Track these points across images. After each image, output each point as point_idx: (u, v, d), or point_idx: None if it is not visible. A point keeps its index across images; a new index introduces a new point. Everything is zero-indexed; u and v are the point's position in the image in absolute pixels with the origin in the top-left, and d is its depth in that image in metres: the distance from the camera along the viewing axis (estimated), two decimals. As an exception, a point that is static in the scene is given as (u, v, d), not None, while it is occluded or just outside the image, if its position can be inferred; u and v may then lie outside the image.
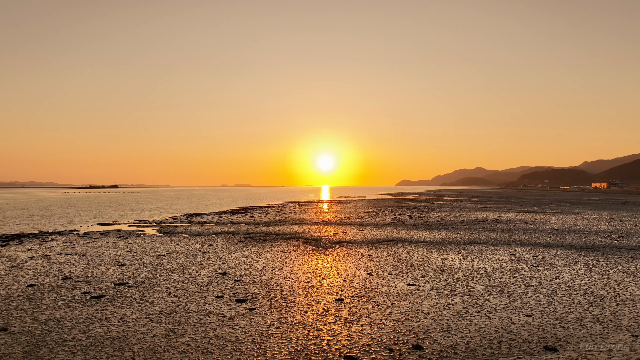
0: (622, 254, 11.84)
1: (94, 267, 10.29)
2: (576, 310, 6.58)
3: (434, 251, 12.53)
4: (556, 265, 10.24)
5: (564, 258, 11.27)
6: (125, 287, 8.22)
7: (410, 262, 10.79)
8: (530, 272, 9.51)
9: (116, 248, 13.56)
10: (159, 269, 10.08)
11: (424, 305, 6.86)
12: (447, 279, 8.79)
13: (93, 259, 11.47)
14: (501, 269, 9.90)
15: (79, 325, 6.00)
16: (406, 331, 5.68)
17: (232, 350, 5.04)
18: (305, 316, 6.36)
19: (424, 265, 10.28)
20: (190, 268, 10.13)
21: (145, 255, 12.13)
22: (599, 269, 9.76)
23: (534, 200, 52.95)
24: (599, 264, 10.46)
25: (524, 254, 11.93)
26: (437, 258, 11.35)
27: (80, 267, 10.31)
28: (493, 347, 5.12)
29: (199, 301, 7.21)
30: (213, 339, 5.41)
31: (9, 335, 5.60)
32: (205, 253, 12.39)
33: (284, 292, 7.83)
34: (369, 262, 10.76)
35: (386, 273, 9.43)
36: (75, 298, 7.46)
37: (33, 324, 6.06)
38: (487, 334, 5.54)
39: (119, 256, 11.95)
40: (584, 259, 11.17)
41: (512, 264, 10.44)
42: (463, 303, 7.01)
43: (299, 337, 5.48)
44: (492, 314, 6.40)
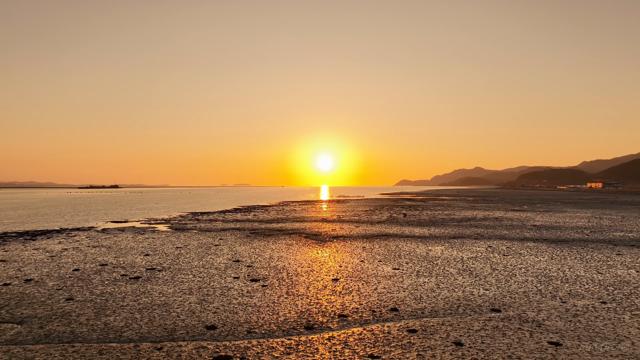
0: (585, 246, 13.43)
1: (123, 257, 11.86)
2: (526, 286, 8.15)
3: (421, 244, 14.11)
4: (524, 255, 11.82)
5: (533, 249, 12.86)
6: (156, 271, 9.79)
7: (398, 252, 12.36)
8: (499, 260, 11.09)
9: (136, 242, 15.12)
10: (180, 257, 11.65)
11: (404, 283, 8.44)
12: (428, 265, 10.36)
13: (120, 250, 13.04)
14: (475, 257, 11.48)
15: (128, 296, 7.57)
16: (387, 300, 7.25)
17: (253, 311, 6.61)
18: (307, 290, 7.94)
19: (410, 255, 11.85)
20: (207, 257, 11.70)
21: (165, 247, 13.70)
22: (559, 258, 11.35)
23: (527, 200, 54.55)
24: (561, 253, 12.04)
25: (500, 246, 13.51)
26: (422, 249, 12.93)
27: (111, 257, 11.88)
28: (452, 309, 6.69)
29: (220, 280, 8.78)
30: (236, 305, 6.98)
31: (78, 302, 7.18)
32: (217, 246, 13.96)
33: (289, 274, 9.41)
34: (362, 253, 12.33)
35: (376, 260, 11.00)
36: (117, 279, 9.03)
37: (92, 295, 7.64)
38: (449, 302, 7.12)
39: (142, 248, 13.51)
40: (550, 250, 12.75)
41: (487, 254, 12.02)
42: (436, 282, 8.59)
43: (303, 303, 7.05)
44: (458, 289, 7.97)
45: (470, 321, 6.09)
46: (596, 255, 11.73)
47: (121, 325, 5.97)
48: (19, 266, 10.48)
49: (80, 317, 6.38)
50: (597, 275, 9.16)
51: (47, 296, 7.59)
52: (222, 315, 6.44)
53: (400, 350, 5.03)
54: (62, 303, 7.14)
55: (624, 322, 6.02)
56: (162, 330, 5.79)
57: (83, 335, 5.62)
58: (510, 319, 6.18)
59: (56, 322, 6.16)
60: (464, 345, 5.15)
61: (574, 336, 5.45)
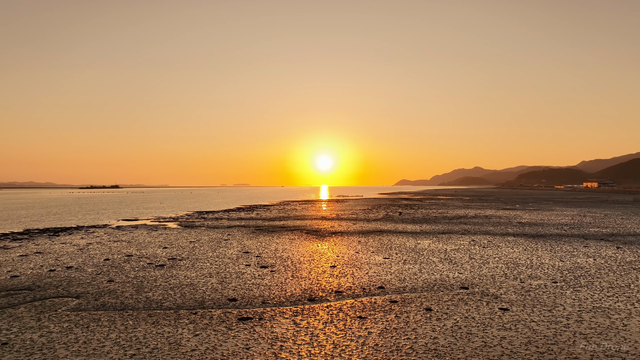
0: (559, 240, 14.88)
1: (144, 249, 13.30)
2: (495, 271, 9.61)
3: (411, 238, 15.56)
4: (501, 247, 13.28)
5: (511, 242, 14.31)
6: (177, 260, 11.24)
7: (390, 245, 13.81)
8: (478, 251, 12.55)
9: (152, 237, 16.56)
10: (196, 250, 13.09)
11: (391, 269, 9.89)
12: (414, 255, 11.81)
13: (139, 244, 14.49)
14: (458, 249, 12.94)
15: (159, 279, 9.02)
16: (375, 281, 8.70)
17: (264, 289, 8.06)
18: (309, 274, 9.39)
19: (400, 247, 13.31)
20: (220, 249, 13.15)
21: (179, 241, 15.15)
22: (531, 249, 12.80)
23: (521, 199, 56.02)
24: (535, 246, 13.49)
25: (482, 240, 14.96)
26: (412, 243, 14.38)
27: (133, 249, 13.32)
28: (428, 287, 8.13)
29: (234, 267, 10.23)
30: (250, 284, 8.43)
31: (119, 283, 8.63)
32: (227, 240, 15.41)
33: (293, 262, 10.86)
34: (357, 246, 13.78)
35: (369, 252, 12.45)
36: (145, 266, 10.47)
37: (128, 278, 9.08)
38: (427, 282, 8.57)
39: (159, 242, 14.95)
40: (526, 243, 14.20)
41: (468, 246, 13.47)
42: (419, 268, 10.04)
43: (306, 283, 8.50)
44: (436, 273, 9.42)
45: (441, 295, 7.54)
46: (565, 247, 13.19)
47: (160, 299, 7.41)
48: (56, 257, 11.92)
49: (124, 293, 7.83)
50: (559, 262, 10.62)
51: (90, 279, 9.04)
52: (240, 291, 7.89)
53: (382, 313, 6.48)
54: (106, 284, 8.59)
55: (564, 295, 7.48)
56: (194, 301, 7.23)
57: (131, 305, 7.06)
58: (474, 293, 7.64)
59: (106, 296, 7.60)
60: (433, 310, 6.60)
61: (520, 304, 6.91)
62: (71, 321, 6.22)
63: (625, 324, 5.93)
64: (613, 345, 5.13)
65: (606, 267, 9.92)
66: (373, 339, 5.41)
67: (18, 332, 5.76)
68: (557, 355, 4.85)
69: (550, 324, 5.95)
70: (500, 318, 6.21)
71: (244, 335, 5.58)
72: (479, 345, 5.17)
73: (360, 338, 5.44)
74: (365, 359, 4.78)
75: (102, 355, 4.96)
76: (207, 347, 5.17)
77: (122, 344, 5.30)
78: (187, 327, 5.89)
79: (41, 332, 5.75)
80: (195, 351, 5.04)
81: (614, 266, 10.07)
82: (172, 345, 5.22)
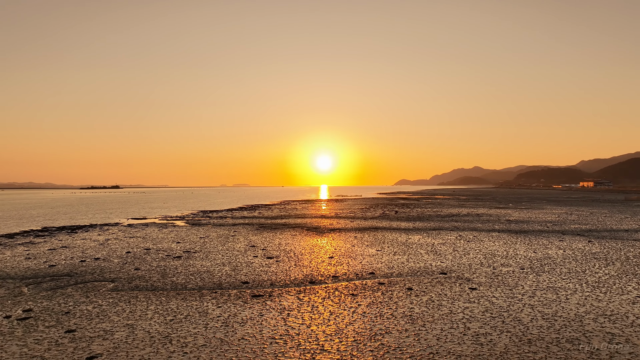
0: (539, 235, 16.22)
1: (159, 244, 14.63)
2: (473, 260, 10.93)
3: (404, 234, 16.89)
4: (484, 241, 14.61)
5: (494, 237, 15.65)
6: (192, 253, 12.57)
7: (383, 240, 15.14)
8: (462, 244, 13.88)
9: (163, 234, 17.88)
10: (206, 244, 14.42)
11: (382, 259, 11.22)
12: (404, 248, 13.14)
13: (154, 239, 15.81)
14: (444, 243, 14.27)
15: (178, 267, 10.35)
16: (368, 268, 10.03)
17: (271, 275, 9.39)
18: (310, 263, 10.72)
19: (392, 242, 14.64)
20: (228, 244, 14.48)
21: (190, 237, 16.47)
22: (510, 243, 14.13)
23: (516, 199, 57.36)
24: (515, 240, 14.82)
25: (468, 235, 16.30)
26: (403, 238, 15.71)
27: (149, 244, 14.65)
28: (412, 273, 9.46)
29: (243, 258, 11.56)
30: (259, 271, 9.75)
31: (145, 270, 9.96)
32: (233, 236, 16.74)
33: (295, 254, 12.19)
34: (354, 240, 15.11)
35: (364, 245, 13.78)
36: (164, 257, 11.80)
37: (151, 267, 10.41)
38: (412, 269, 9.90)
39: (171, 238, 16.28)
40: (508, 238, 15.53)
41: (454, 241, 14.80)
42: (407, 258, 11.37)
43: (307, 270, 9.83)
44: (421, 263, 10.75)
45: (422, 278, 8.87)
46: (542, 241, 14.53)
47: (183, 282, 8.74)
48: (82, 250, 13.25)
49: (151, 278, 9.16)
50: (532, 253, 11.95)
51: (119, 267, 10.36)
52: (250, 276, 9.22)
53: (371, 291, 7.81)
54: (133, 271, 9.91)
55: (527, 278, 8.81)
56: (213, 284, 8.56)
57: (160, 287, 8.38)
58: (450, 277, 8.97)
59: (136, 281, 8.93)
60: (413, 289, 7.93)
61: (487, 285, 8.24)
62: (114, 298, 7.55)
63: (567, 298, 7.26)
64: (551, 311, 6.46)
65: (571, 257, 11.26)
66: (362, 308, 6.74)
67: (74, 305, 7.09)
68: (505, 318, 6.18)
69: (507, 298, 7.28)
70: (467, 294, 7.54)
71: (257, 306, 6.91)
72: (446, 312, 6.50)
73: (352, 308, 6.77)
74: (354, 322, 6.11)
75: (147, 319, 6.28)
76: (229, 314, 6.50)
77: (160, 312, 6.63)
78: (211, 302, 7.22)
79: (93, 305, 7.08)
80: (220, 317, 6.36)
81: (578, 256, 11.40)
82: (201, 314, 6.55)
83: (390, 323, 6.02)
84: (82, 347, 5.22)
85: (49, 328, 5.94)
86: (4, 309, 6.87)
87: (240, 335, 5.59)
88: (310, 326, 5.93)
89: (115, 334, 5.66)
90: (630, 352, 4.92)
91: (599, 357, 4.81)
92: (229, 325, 6.00)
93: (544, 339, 5.34)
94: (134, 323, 6.13)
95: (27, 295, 7.76)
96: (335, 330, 5.77)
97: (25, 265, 10.77)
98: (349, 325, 5.94)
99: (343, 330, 5.74)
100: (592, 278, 8.80)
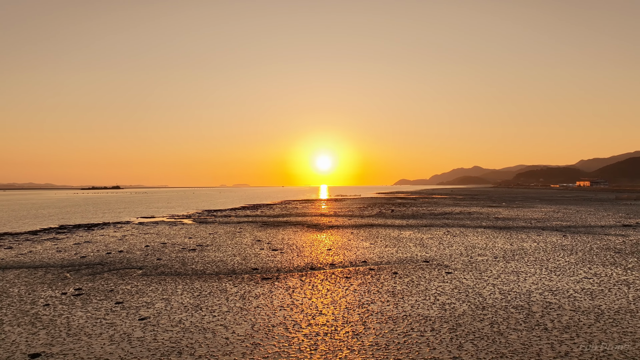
0: (520, 231, 17.66)
1: (173, 239, 16.06)
2: (454, 252, 12.37)
3: (396, 230, 18.34)
4: (468, 236, 16.05)
5: (479, 233, 17.09)
6: (204, 246, 14.01)
7: (377, 235, 16.59)
8: (448, 239, 15.32)
9: (174, 230, 19.31)
10: (216, 239, 15.86)
11: (374, 250, 12.66)
12: (395, 242, 14.59)
13: (167, 235, 17.25)
14: (432, 237, 15.72)
15: (195, 258, 11.79)
16: (361, 258, 11.47)
17: (277, 263, 10.83)
18: (310, 254, 12.17)
19: (384, 236, 16.08)
20: (236, 238, 15.92)
21: (200, 233, 17.91)
22: (492, 237, 15.58)
23: (511, 198, 58.82)
24: (497, 235, 16.26)
25: (455, 231, 17.74)
26: (396, 233, 17.16)
27: (164, 239, 16.09)
28: (399, 261, 10.90)
29: (251, 250, 13.00)
30: (266, 260, 11.19)
31: (166, 260, 11.41)
32: (240, 232, 18.18)
33: (297, 247, 13.64)
34: (350, 235, 16.55)
35: (359, 240, 15.23)
36: (180, 250, 13.24)
37: (171, 258, 11.85)
38: (400, 258, 11.34)
39: (183, 234, 17.72)
40: (491, 233, 16.97)
41: (442, 235, 16.25)
42: (396, 250, 12.81)
43: (308, 260, 11.27)
44: (408, 254, 12.19)
45: (407, 265, 10.32)
46: (521, 236, 15.98)
47: (202, 269, 10.19)
48: (105, 244, 14.69)
49: (173, 266, 10.60)
50: (508, 246, 13.40)
51: (142, 258, 11.80)
52: (259, 264, 10.67)
53: (362, 275, 9.26)
54: (156, 261, 11.35)
55: (497, 265, 10.26)
56: (227, 270, 10.01)
57: (182, 272, 9.82)
58: (432, 265, 10.42)
59: (161, 268, 10.37)
60: (398, 273, 9.38)
61: (461, 270, 9.68)
62: (145, 281, 8.99)
63: (525, 279, 8.71)
64: (508, 288, 7.91)
65: (541, 249, 12.71)
66: (353, 287, 8.19)
67: (115, 285, 8.54)
68: (469, 293, 7.63)
69: (476, 279, 8.73)
70: (443, 277, 8.98)
71: (267, 286, 8.36)
72: (422, 289, 7.95)
73: (345, 287, 8.22)
74: (347, 295, 7.55)
75: (178, 294, 7.73)
76: (244, 291, 7.95)
77: (188, 290, 8.08)
78: (228, 283, 8.66)
79: (130, 285, 8.53)
80: (237, 293, 7.81)
81: (548, 248, 12.85)
82: (221, 291, 7.99)
83: (376, 296, 7.47)
84: (132, 313, 6.66)
85: (101, 301, 7.38)
86: (58, 288, 8.32)
87: (255, 304, 7.04)
88: (311, 299, 7.38)
89: (156, 304, 7.11)
90: (558, 314, 6.36)
91: (533, 317, 6.25)
92: (246, 298, 7.45)
93: (495, 306, 6.79)
94: (168, 297, 7.58)
95: (72, 279, 9.20)
96: (331, 301, 7.22)
97: (60, 256, 12.22)
98: (342, 298, 7.39)
99: (337, 301, 7.19)
100: (552, 265, 10.24)
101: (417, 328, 5.80)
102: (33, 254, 12.75)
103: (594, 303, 6.93)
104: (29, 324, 6.18)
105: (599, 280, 8.58)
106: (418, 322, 6.04)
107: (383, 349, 5.08)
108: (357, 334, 5.62)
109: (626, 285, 8.14)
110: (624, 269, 9.61)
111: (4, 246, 14.50)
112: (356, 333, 5.64)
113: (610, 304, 6.88)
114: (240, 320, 6.22)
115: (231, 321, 6.20)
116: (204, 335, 5.61)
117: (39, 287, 8.44)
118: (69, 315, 6.55)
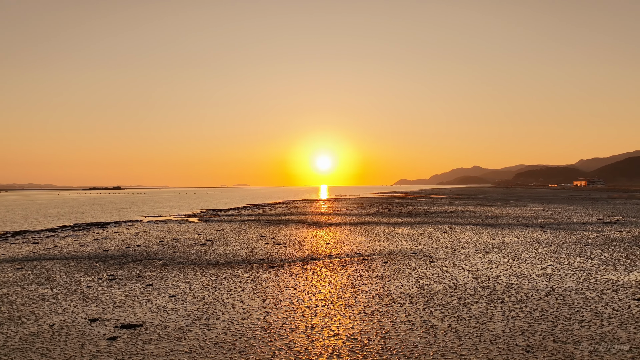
0: (506, 228, 18.98)
1: (183, 235, 17.38)
2: (441, 245, 13.69)
3: (390, 227, 19.66)
4: (457, 232, 17.37)
5: (467, 229, 18.41)
6: (214, 241, 15.33)
7: (372, 231, 17.91)
8: (437, 234, 16.64)
9: (183, 228, 20.63)
10: (224, 235, 17.18)
11: (369, 244, 13.98)
12: (388, 237, 15.91)
13: (177, 232, 18.57)
14: (423, 233, 17.04)
15: (207, 251, 13.11)
16: (356, 250, 12.80)
17: (281, 254, 12.15)
18: (311, 247, 13.49)
19: (379, 232, 17.41)
20: (242, 235, 17.25)
21: (207, 230, 19.24)
22: (478, 233, 16.89)
23: (507, 197, 60.14)
24: (483, 231, 17.58)
25: (445, 227, 19.06)
26: (389, 229, 18.49)
27: (175, 235, 17.41)
28: (390, 253, 12.22)
29: (257, 244, 14.33)
30: (271, 253, 12.51)
31: (182, 253, 12.73)
32: (245, 229, 19.50)
33: (299, 241, 14.96)
34: (347, 232, 17.88)
35: (356, 235, 16.55)
36: (192, 244, 14.56)
37: (185, 251, 13.17)
38: (391, 250, 12.66)
39: (192, 231, 19.04)
40: (479, 229, 18.29)
41: (432, 231, 17.57)
42: (389, 244, 14.13)
43: (309, 252, 12.60)
44: (399, 246, 13.51)
45: (396, 256, 11.65)
46: (505, 232, 17.30)
47: (215, 260, 11.51)
48: (121, 240, 16.01)
49: (189, 257, 11.92)
50: (491, 240, 14.72)
51: (160, 251, 13.12)
52: (265, 256, 11.99)
53: (356, 264, 10.58)
54: (172, 253, 12.67)
55: (476, 256, 11.58)
56: (238, 261, 11.33)
57: (198, 263, 11.15)
58: (418, 256, 11.74)
59: (179, 259, 11.69)
60: (387, 263, 10.70)
61: (444, 260, 11.00)
62: (166, 269, 10.32)
63: (497, 267, 10.04)
64: (480, 274, 9.23)
65: (519, 243, 14.03)
66: (348, 273, 9.51)
67: (142, 272, 9.87)
68: (446, 277, 8.95)
69: (455, 267, 10.05)
70: (426, 265, 10.31)
71: (273, 272, 9.68)
72: (407, 274, 9.27)
73: (341, 272, 9.54)
74: (342, 279, 8.88)
75: (198, 279, 9.05)
76: (254, 276, 9.28)
77: (205, 275, 9.40)
78: (239, 270, 9.99)
79: (155, 273, 9.85)
80: (249, 277, 9.14)
81: (526, 242, 14.17)
82: (234, 276, 9.32)
83: (367, 279, 8.79)
84: (162, 292, 7.98)
85: (133, 284, 8.71)
86: (93, 275, 9.65)
87: (264, 286, 8.37)
88: (311, 281, 8.70)
89: (181, 286, 8.43)
90: (515, 292, 7.69)
91: (495, 294, 7.57)
92: (256, 281, 8.78)
93: (466, 286, 8.11)
94: (190, 281, 8.90)
95: (102, 268, 10.53)
96: (328, 283, 8.55)
97: (84, 250, 13.55)
98: (338, 281, 8.72)
99: (334, 283, 8.51)
100: (525, 255, 11.57)
101: (398, 302, 7.12)
102: (60, 248, 14.07)
103: (549, 284, 8.25)
104: (80, 300, 7.50)
105: (560, 267, 9.90)
106: (399, 298, 7.36)
107: (369, 315, 6.40)
108: (349, 305, 6.94)
109: (582, 271, 9.46)
110: (586, 259, 10.94)
111: (31, 241, 15.83)
112: (348, 305, 6.97)
113: (562, 284, 8.21)
114: (253, 297, 7.54)
115: (246, 297, 7.52)
116: (225, 307, 6.93)
117: (76, 274, 9.76)
118: (110, 294, 7.87)
